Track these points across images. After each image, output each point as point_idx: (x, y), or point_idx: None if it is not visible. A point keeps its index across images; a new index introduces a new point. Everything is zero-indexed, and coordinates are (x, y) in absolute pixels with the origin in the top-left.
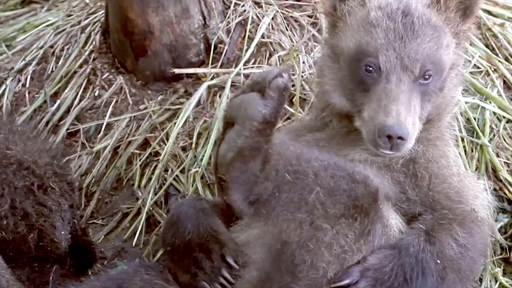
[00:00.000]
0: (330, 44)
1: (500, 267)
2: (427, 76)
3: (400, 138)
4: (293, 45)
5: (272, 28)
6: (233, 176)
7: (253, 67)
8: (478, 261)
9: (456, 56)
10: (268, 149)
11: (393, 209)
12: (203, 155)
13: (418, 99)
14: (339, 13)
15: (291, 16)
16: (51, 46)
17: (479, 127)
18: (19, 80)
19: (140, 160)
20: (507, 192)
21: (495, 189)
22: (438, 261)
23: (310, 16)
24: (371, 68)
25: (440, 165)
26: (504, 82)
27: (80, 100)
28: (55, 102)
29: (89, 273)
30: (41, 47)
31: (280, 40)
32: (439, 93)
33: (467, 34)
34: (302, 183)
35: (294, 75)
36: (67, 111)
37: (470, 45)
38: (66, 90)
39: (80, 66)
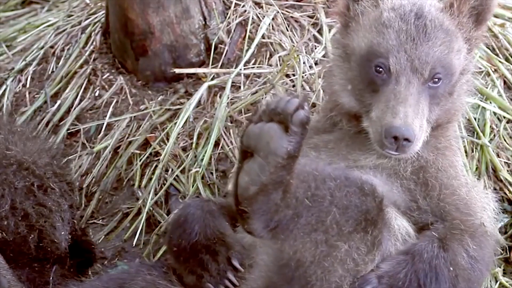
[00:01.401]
0: (341, 44)
1: (500, 267)
2: (436, 79)
3: (406, 139)
4: (294, 46)
5: (273, 29)
6: (255, 208)
7: (253, 67)
8: (484, 274)
9: (467, 61)
10: (289, 179)
11: (398, 213)
12: (204, 155)
13: (427, 102)
14: (352, 13)
15: (292, 17)
16: (52, 47)
17: (479, 127)
18: (19, 81)
19: (140, 160)
20: (507, 192)
21: (495, 189)
22: (451, 268)
23: (311, 17)
24: (381, 69)
25: (449, 175)
26: (505, 82)
27: (81, 101)
28: (56, 102)
29: (89, 273)
30: (42, 48)
31: (280, 40)
32: (448, 98)
33: (478, 40)
34: (319, 207)
35: (294, 75)
36: (68, 111)
37: None
38: (67, 91)
39: (81, 67)
